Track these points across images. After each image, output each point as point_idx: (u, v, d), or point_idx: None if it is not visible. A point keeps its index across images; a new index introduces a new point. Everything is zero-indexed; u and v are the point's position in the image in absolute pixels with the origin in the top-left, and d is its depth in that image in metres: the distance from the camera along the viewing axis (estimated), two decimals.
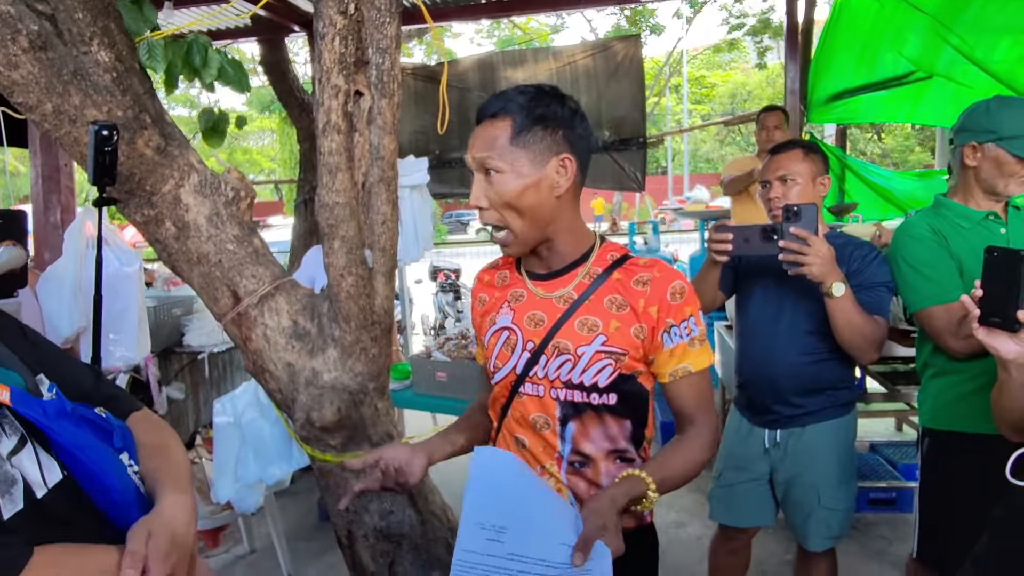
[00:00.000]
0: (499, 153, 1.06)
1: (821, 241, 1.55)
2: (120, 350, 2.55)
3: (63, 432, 0.86)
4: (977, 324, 1.10)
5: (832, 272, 1.55)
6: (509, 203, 1.07)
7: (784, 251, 1.55)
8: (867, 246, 1.74)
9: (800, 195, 1.71)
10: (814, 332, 1.72)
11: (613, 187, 5.43)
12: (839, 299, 1.56)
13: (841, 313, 1.58)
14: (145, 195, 1.71)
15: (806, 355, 1.74)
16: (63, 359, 1.02)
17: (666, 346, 1.10)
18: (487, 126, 1.08)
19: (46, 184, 3.92)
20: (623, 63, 5.16)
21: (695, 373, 1.12)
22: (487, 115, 1.09)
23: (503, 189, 1.06)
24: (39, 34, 1.47)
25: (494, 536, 0.95)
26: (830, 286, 1.55)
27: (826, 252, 1.54)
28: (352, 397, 1.76)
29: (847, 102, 4.30)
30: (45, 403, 0.87)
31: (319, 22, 1.60)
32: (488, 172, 1.07)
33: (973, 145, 1.59)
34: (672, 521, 2.98)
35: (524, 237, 1.10)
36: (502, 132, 1.06)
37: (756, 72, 19.38)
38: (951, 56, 3.72)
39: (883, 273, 1.69)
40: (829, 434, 1.78)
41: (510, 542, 0.95)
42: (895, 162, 15.83)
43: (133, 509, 0.89)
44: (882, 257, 1.72)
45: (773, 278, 1.75)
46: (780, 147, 1.79)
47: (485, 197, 1.08)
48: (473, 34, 15.61)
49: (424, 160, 3.41)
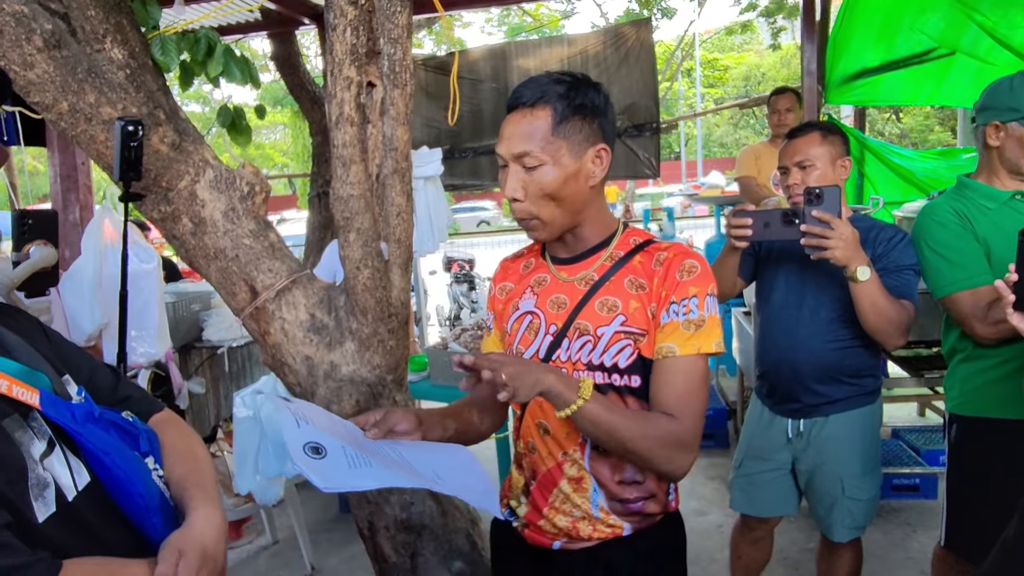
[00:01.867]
0: (541, 146, 1.03)
1: (845, 224, 1.50)
2: (143, 346, 2.58)
3: (91, 436, 0.86)
4: (1012, 310, 1.07)
5: (857, 256, 1.51)
6: (549, 194, 1.05)
7: (806, 235, 1.51)
8: (892, 228, 1.70)
9: (820, 180, 1.65)
10: (838, 319, 1.68)
11: (627, 175, 5.38)
12: (864, 283, 1.51)
13: (867, 298, 1.53)
14: (161, 191, 1.72)
15: (830, 342, 1.70)
16: (84, 359, 1.02)
17: (662, 322, 1.06)
18: (524, 115, 1.05)
19: (64, 183, 3.97)
20: (634, 48, 5.10)
21: (679, 357, 1.04)
22: (523, 104, 1.05)
23: (544, 180, 1.04)
24: (53, 33, 1.48)
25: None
26: (855, 270, 1.51)
27: (850, 235, 1.50)
28: (371, 390, 1.77)
29: (866, 82, 4.21)
30: (74, 407, 0.87)
31: (330, 13, 1.59)
32: (527, 164, 1.04)
33: (996, 124, 1.54)
34: (692, 509, 2.97)
35: (556, 225, 1.09)
36: (542, 122, 1.03)
37: (770, 53, 19.07)
38: (975, 32, 3.63)
39: (909, 256, 1.64)
40: (853, 424, 1.74)
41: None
42: (914, 142, 15.54)
43: (156, 514, 0.90)
44: (908, 239, 1.67)
45: (795, 263, 1.72)
46: (796, 131, 1.74)
47: (523, 189, 1.05)
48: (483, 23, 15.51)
49: (438, 151, 3.40)
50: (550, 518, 1.14)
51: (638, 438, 1.00)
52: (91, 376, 1.00)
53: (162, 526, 0.90)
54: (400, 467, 0.96)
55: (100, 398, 0.97)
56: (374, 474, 0.91)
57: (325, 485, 0.86)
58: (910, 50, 4.00)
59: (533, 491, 1.16)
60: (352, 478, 0.89)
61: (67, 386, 0.92)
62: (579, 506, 1.12)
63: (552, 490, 1.14)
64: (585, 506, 1.12)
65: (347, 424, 1.05)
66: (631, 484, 1.11)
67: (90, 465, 0.88)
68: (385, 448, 1.02)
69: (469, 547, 1.82)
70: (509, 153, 1.06)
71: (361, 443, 1.01)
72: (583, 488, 1.12)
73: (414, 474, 0.96)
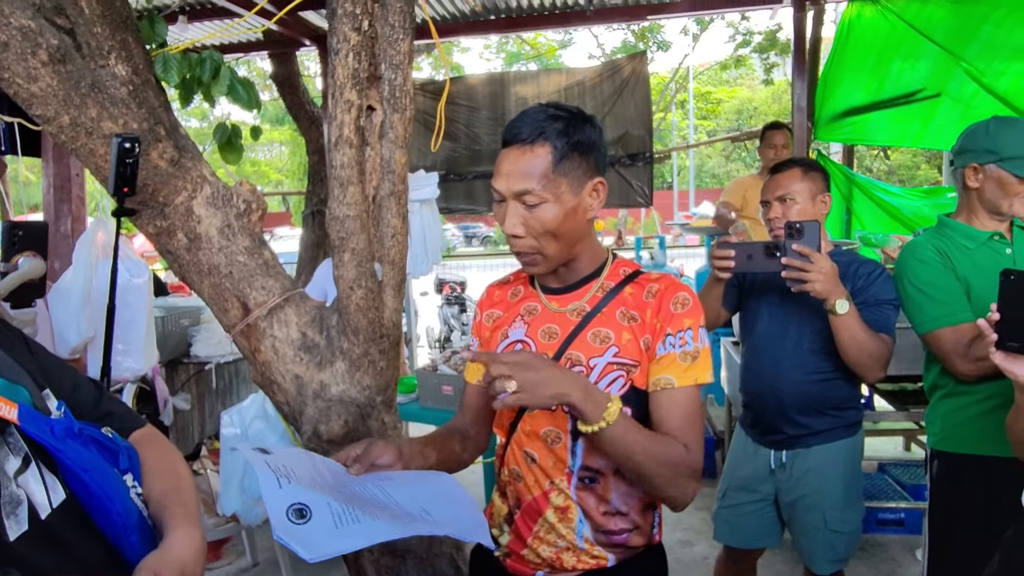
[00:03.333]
0: (542, 184, 1.03)
1: (824, 258, 1.55)
2: (127, 361, 2.56)
3: (69, 452, 0.85)
4: (994, 348, 1.09)
5: (836, 289, 1.55)
6: (550, 230, 1.06)
7: (787, 268, 1.55)
8: (872, 263, 1.74)
9: (800, 214, 1.70)
10: (820, 350, 1.71)
11: (620, 203, 5.44)
12: (843, 316, 1.56)
13: (846, 330, 1.57)
14: (158, 206, 1.72)
15: (812, 373, 1.72)
16: (68, 373, 1.01)
17: (658, 354, 1.07)
18: (524, 152, 1.04)
19: (58, 194, 3.96)
20: (630, 79, 5.20)
21: (678, 388, 1.05)
22: (522, 140, 1.05)
23: (546, 218, 1.05)
24: (58, 48, 1.50)
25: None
26: (834, 303, 1.55)
27: (829, 269, 1.54)
28: (360, 410, 1.76)
29: (855, 120, 4.31)
30: (53, 422, 0.86)
31: (333, 38, 1.62)
32: (527, 202, 1.05)
33: (974, 166, 1.59)
34: (678, 540, 2.96)
35: (555, 259, 1.10)
36: (541, 160, 1.04)
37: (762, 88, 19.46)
38: (961, 77, 3.74)
39: (888, 290, 1.68)
40: (835, 455, 1.76)
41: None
42: (901, 179, 15.81)
43: (134, 533, 0.88)
44: (887, 274, 1.71)
45: (778, 295, 1.75)
46: (779, 166, 1.80)
47: (523, 226, 1.05)
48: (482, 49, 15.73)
49: (434, 175, 3.43)
50: (534, 548, 1.14)
51: (654, 462, 1.00)
52: (74, 390, 0.99)
53: (140, 545, 0.88)
54: (389, 513, 0.94)
55: (82, 413, 0.96)
56: (363, 531, 0.88)
57: (311, 555, 0.82)
58: (898, 90, 4.11)
59: (517, 520, 1.16)
60: (339, 539, 0.86)
61: (47, 400, 0.90)
62: (564, 536, 1.12)
63: (537, 519, 1.13)
64: (570, 536, 1.11)
65: (329, 463, 1.03)
66: (616, 515, 1.11)
67: (68, 482, 0.86)
68: (370, 486, 1.00)
69: (453, 572, 1.81)
70: (509, 190, 1.05)
71: (345, 483, 0.99)
72: (569, 518, 1.11)
73: (404, 518, 0.94)
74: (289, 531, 0.85)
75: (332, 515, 0.90)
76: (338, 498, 0.93)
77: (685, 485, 1.03)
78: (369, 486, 1.00)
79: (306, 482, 0.95)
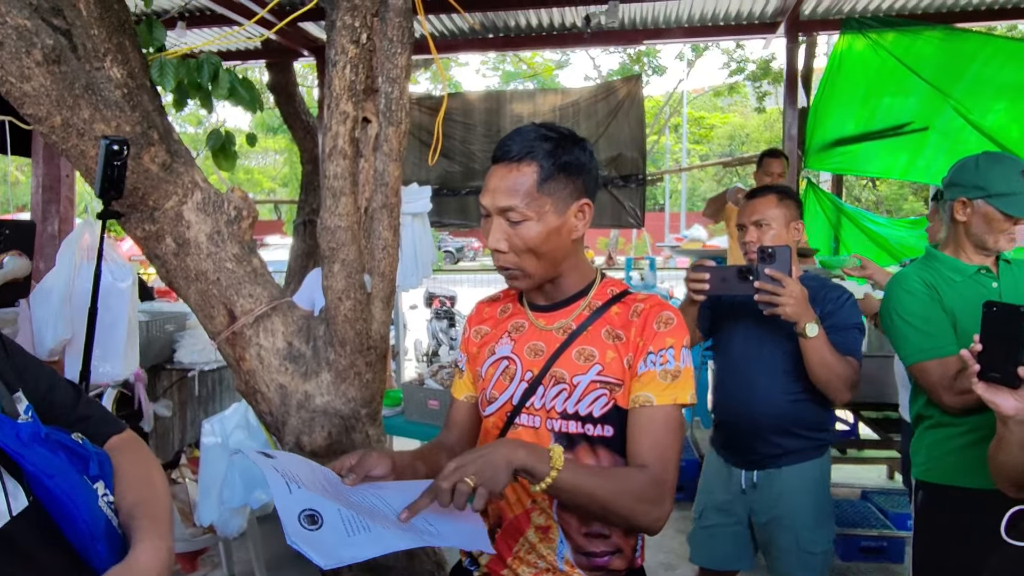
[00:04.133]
0: (525, 202, 1.04)
1: (795, 282, 1.60)
2: (106, 365, 2.52)
3: (34, 457, 0.83)
4: (977, 379, 1.10)
5: (805, 313, 1.60)
6: (531, 248, 1.06)
7: (759, 291, 1.60)
8: (840, 288, 1.79)
9: (774, 239, 1.76)
10: (792, 372, 1.74)
11: (612, 223, 5.48)
12: (813, 339, 1.61)
13: (815, 353, 1.63)
14: (147, 210, 1.71)
15: (785, 395, 1.76)
16: (44, 375, 0.99)
17: (639, 371, 1.07)
18: (510, 170, 1.06)
19: (46, 194, 3.93)
20: (624, 101, 5.26)
21: (656, 407, 1.04)
22: (510, 158, 1.06)
23: (527, 235, 1.05)
24: (54, 48, 1.49)
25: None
26: (804, 326, 1.61)
27: (799, 293, 1.60)
28: (344, 422, 1.74)
29: (844, 150, 4.38)
30: (19, 426, 0.84)
31: (331, 50, 1.63)
32: (512, 220, 1.06)
33: (963, 201, 1.61)
34: (660, 563, 2.93)
35: (537, 277, 1.10)
36: (527, 179, 1.05)
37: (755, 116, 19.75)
38: (949, 113, 3.82)
39: (855, 315, 1.74)
40: (806, 475, 1.79)
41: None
42: (889, 210, 16.04)
43: (100, 542, 0.86)
44: (854, 299, 1.77)
45: (751, 318, 1.78)
46: (755, 192, 1.85)
47: (506, 241, 1.07)
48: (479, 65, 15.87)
49: (427, 188, 3.44)
50: (514, 568, 1.12)
51: (616, 497, 0.99)
52: (49, 392, 0.97)
53: (106, 554, 0.86)
54: (394, 524, 0.92)
55: (58, 416, 0.94)
56: (374, 540, 0.87)
57: (326, 562, 0.81)
58: (887, 123, 4.18)
59: (497, 539, 1.14)
60: (352, 548, 0.84)
61: (17, 404, 0.88)
62: (544, 557, 1.10)
63: (518, 539, 1.12)
64: (551, 557, 1.10)
65: (325, 471, 1.02)
66: (597, 537, 1.10)
67: (32, 488, 0.84)
68: (368, 495, 0.99)
69: None
70: (494, 206, 1.06)
71: (342, 492, 0.98)
72: (550, 539, 1.10)
73: (410, 529, 0.92)
74: (303, 537, 0.84)
75: (343, 522, 0.88)
76: (346, 505, 0.92)
77: (652, 510, 1.02)
78: (367, 495, 0.99)
79: (313, 488, 0.94)
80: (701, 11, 4.54)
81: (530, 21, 4.69)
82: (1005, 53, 3.83)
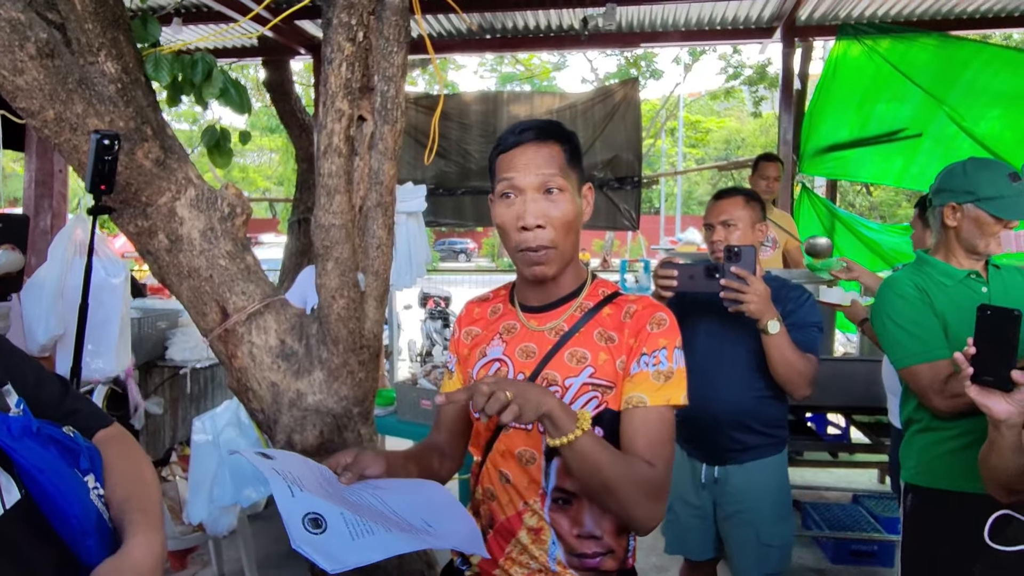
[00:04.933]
0: (563, 173, 1.07)
1: (759, 281, 1.66)
2: (97, 362, 2.50)
3: (25, 451, 0.83)
4: (970, 382, 1.10)
5: (768, 310, 1.66)
6: (569, 222, 1.07)
7: (725, 289, 1.65)
8: (800, 288, 1.85)
9: (741, 239, 1.81)
10: (755, 369, 1.78)
11: (607, 225, 5.48)
12: (774, 336, 1.67)
13: (776, 349, 1.68)
14: (140, 206, 1.70)
15: (745, 391, 1.80)
16: (32, 369, 0.98)
17: (632, 372, 1.07)
18: (540, 147, 1.07)
19: (39, 189, 3.90)
20: (621, 104, 5.27)
21: (650, 407, 1.04)
22: (532, 139, 1.08)
23: (566, 209, 1.07)
24: (47, 42, 1.48)
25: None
26: (766, 323, 1.66)
27: (763, 291, 1.65)
28: (336, 421, 1.74)
29: (838, 155, 4.40)
30: (10, 420, 0.84)
31: (327, 47, 1.62)
32: (550, 191, 1.06)
33: (952, 205, 1.63)
34: (653, 565, 2.94)
35: (566, 258, 1.11)
36: (558, 155, 1.08)
37: (751, 120, 19.82)
38: (943, 120, 3.85)
39: (815, 314, 1.80)
40: (766, 470, 1.83)
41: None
42: (883, 215, 16.12)
43: (92, 536, 0.86)
44: (813, 299, 1.83)
45: (716, 316, 1.82)
46: (723, 194, 1.90)
47: (545, 216, 1.06)
48: (477, 66, 15.87)
49: (422, 187, 3.43)
50: (506, 569, 1.12)
51: (620, 479, 0.98)
52: (37, 387, 0.96)
53: (97, 548, 0.86)
54: (395, 524, 0.92)
55: (45, 410, 0.93)
56: (378, 543, 0.86)
57: (333, 567, 0.80)
58: (881, 129, 4.20)
59: (490, 540, 1.14)
60: (358, 551, 0.84)
61: (7, 397, 0.88)
62: (536, 558, 1.10)
63: (510, 540, 1.12)
64: (543, 558, 1.10)
65: (323, 469, 1.02)
66: (589, 538, 1.10)
67: (23, 482, 0.84)
68: (366, 495, 0.98)
69: None
70: (530, 181, 1.06)
71: (340, 491, 0.97)
72: (542, 540, 1.10)
73: (410, 530, 0.92)
74: (308, 541, 0.83)
75: (347, 525, 0.87)
76: (348, 507, 0.92)
77: (650, 505, 1.01)
78: (365, 495, 0.99)
79: (315, 490, 0.93)
80: (698, 15, 4.56)
81: (527, 22, 4.70)
82: (999, 61, 3.85)
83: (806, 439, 3.30)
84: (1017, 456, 1.15)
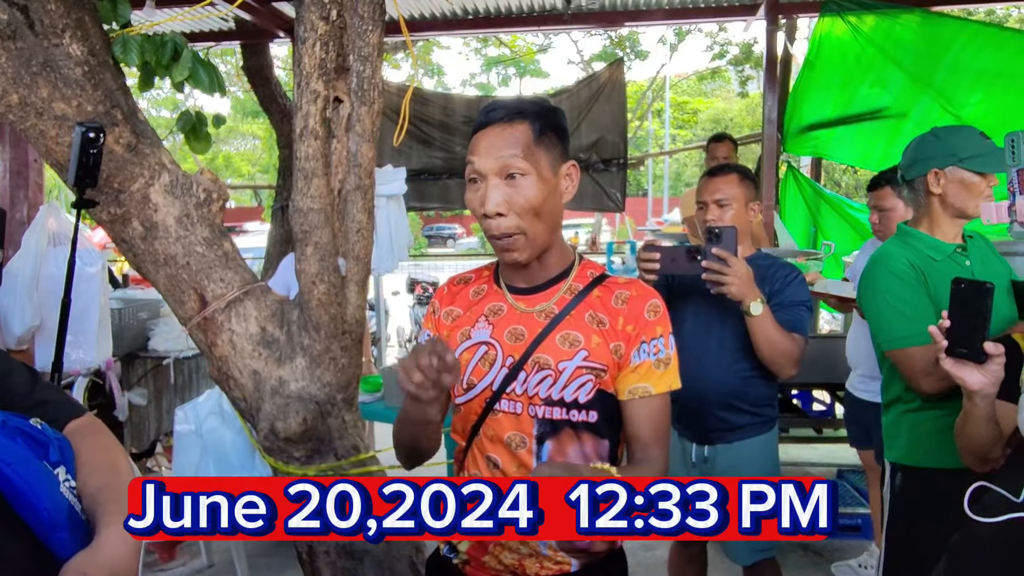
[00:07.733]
0: (525, 153, 1.02)
1: (740, 262, 1.64)
2: (77, 353, 2.47)
3: None
4: (944, 355, 1.11)
5: (750, 292, 1.64)
6: (534, 207, 1.03)
7: (707, 271, 1.63)
8: (789, 267, 1.83)
9: (734, 218, 1.78)
10: (741, 349, 1.78)
11: (593, 207, 5.47)
12: (757, 317, 1.66)
13: (760, 330, 1.67)
14: (112, 193, 1.66)
15: (731, 371, 1.80)
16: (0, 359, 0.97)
17: (632, 362, 1.08)
18: (503, 129, 1.04)
19: (14, 179, 3.81)
20: (606, 85, 5.23)
21: (655, 396, 1.08)
22: (499, 120, 1.05)
23: (529, 193, 1.03)
24: (9, 23, 1.43)
25: None
26: (748, 305, 1.65)
27: (744, 272, 1.63)
28: (319, 408, 1.72)
29: (822, 134, 4.39)
30: None
31: (300, 26, 1.59)
32: (512, 175, 1.03)
33: (936, 171, 1.60)
34: (640, 543, 2.96)
35: (538, 244, 1.07)
36: (522, 134, 1.04)
37: (738, 100, 19.79)
38: (927, 103, 3.84)
39: (802, 293, 1.78)
40: (754, 450, 1.84)
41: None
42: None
43: (63, 529, 0.84)
44: (802, 277, 1.81)
45: (703, 297, 1.81)
46: (717, 170, 1.85)
47: (506, 203, 1.02)
48: (461, 47, 15.68)
49: (402, 170, 3.39)
50: (496, 554, 1.11)
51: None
52: (4, 377, 0.94)
53: (70, 542, 0.84)
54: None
55: (13, 400, 0.92)
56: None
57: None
58: (864, 107, 4.19)
59: None
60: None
61: None
62: (527, 542, 1.10)
63: None
64: (534, 543, 1.09)
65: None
66: None
67: None
68: None
69: (412, 575, 1.77)
70: (490, 165, 1.03)
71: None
72: None
73: None
74: None
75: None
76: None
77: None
78: None
79: None
80: None
81: (510, 3, 4.63)
82: (982, 38, 3.84)
83: (792, 415, 3.33)
84: (990, 426, 1.17)
